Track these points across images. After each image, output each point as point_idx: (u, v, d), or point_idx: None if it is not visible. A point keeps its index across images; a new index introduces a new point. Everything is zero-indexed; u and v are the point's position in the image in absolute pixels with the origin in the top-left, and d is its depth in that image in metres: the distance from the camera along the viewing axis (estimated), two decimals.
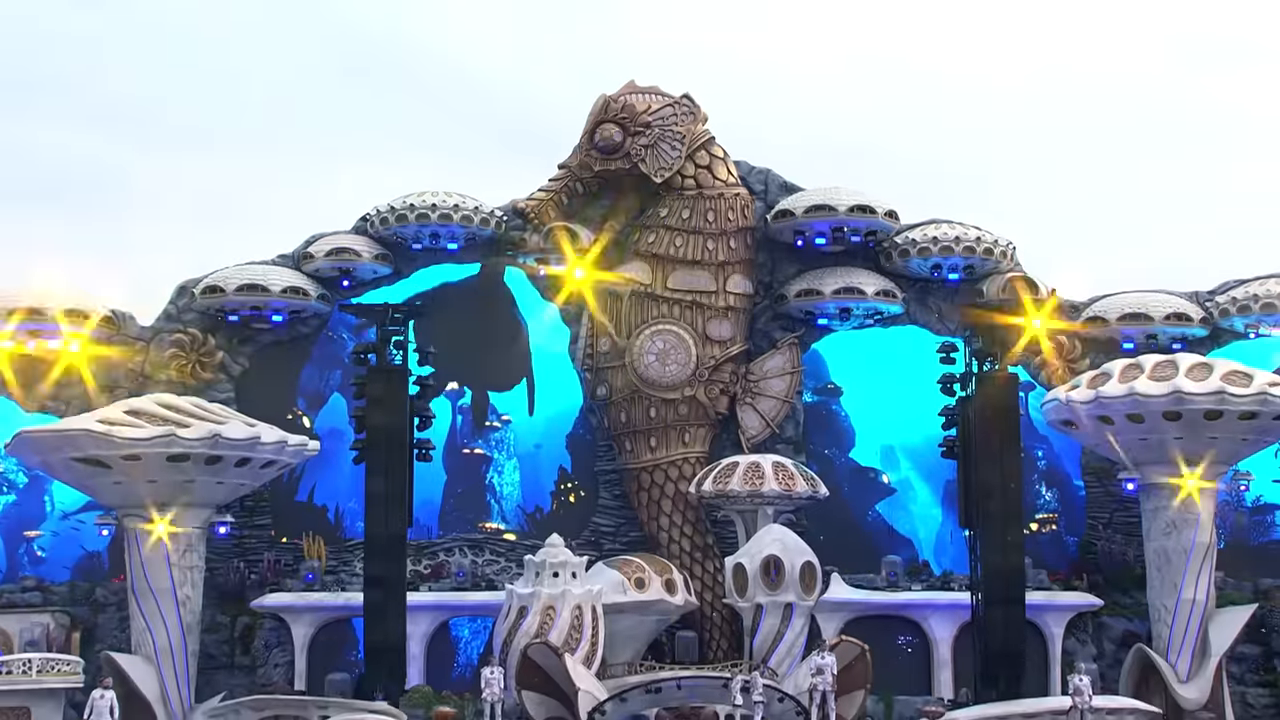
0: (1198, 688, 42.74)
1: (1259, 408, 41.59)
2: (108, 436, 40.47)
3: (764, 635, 42.48)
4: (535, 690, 39.31)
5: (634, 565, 44.24)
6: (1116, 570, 46.56)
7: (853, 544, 46.96)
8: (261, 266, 47.58)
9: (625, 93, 47.86)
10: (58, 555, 47.26)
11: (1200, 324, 47.64)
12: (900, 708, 42.30)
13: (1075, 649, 44.64)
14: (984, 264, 47.70)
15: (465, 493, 49.15)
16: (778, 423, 47.65)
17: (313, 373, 49.11)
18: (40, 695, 40.20)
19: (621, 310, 47.37)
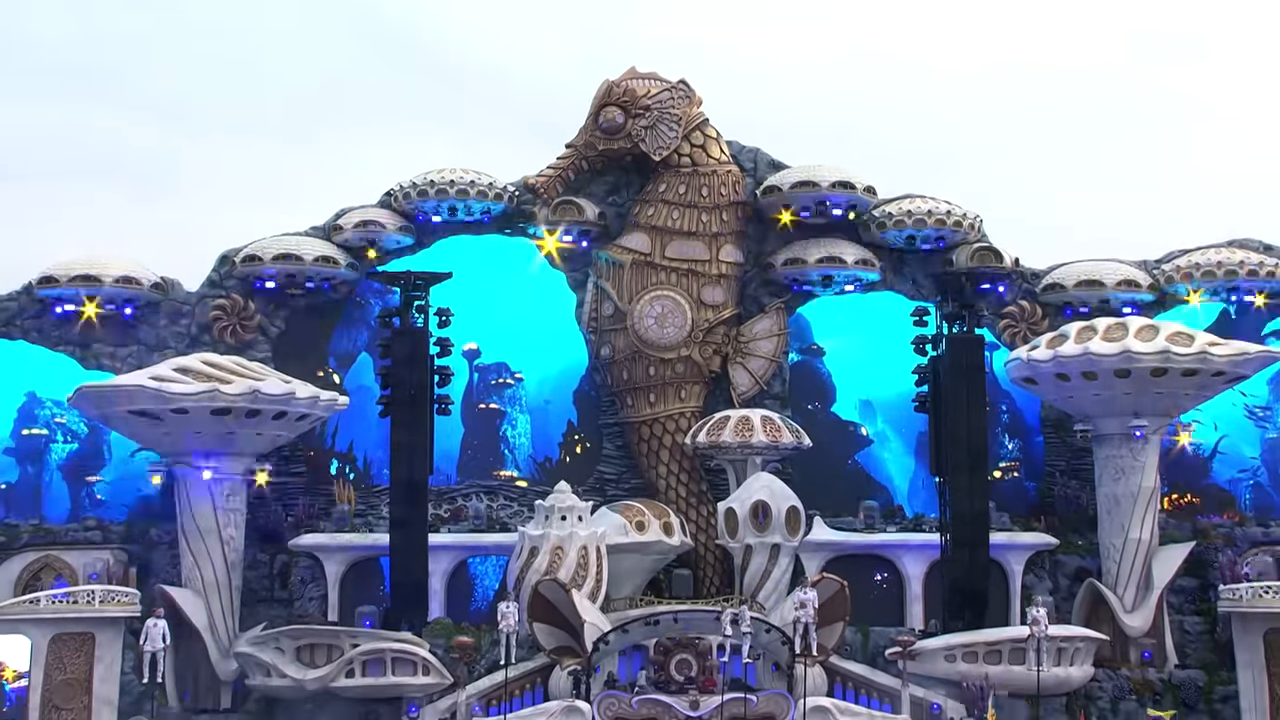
0: (1141, 617, 43.52)
1: (1199, 366, 42.28)
2: (158, 391, 40.99)
3: (753, 573, 43.05)
4: (545, 622, 39.95)
5: (634, 509, 44.65)
6: (1071, 513, 46.94)
7: (833, 490, 47.14)
8: (295, 238, 47.71)
9: (626, 78, 47.88)
10: (116, 498, 47.38)
11: (1148, 290, 47.88)
12: (875, 638, 42.71)
13: (1033, 584, 44.99)
14: (954, 235, 47.87)
15: (481, 444, 49.37)
16: (766, 380, 47.87)
17: (342, 334, 49.21)
18: (103, 623, 40.92)
19: (623, 277, 47.46)
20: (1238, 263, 47.54)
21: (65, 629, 40.60)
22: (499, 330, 49.08)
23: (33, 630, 40.44)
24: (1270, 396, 49.55)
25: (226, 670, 42.10)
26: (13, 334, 47.05)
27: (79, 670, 40.61)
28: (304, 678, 39.99)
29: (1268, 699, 42.03)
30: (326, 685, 39.75)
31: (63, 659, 40.51)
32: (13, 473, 47.78)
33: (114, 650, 40.88)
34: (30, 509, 46.93)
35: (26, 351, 47.24)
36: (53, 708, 40.20)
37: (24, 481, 47.70)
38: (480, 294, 47.32)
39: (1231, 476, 49.35)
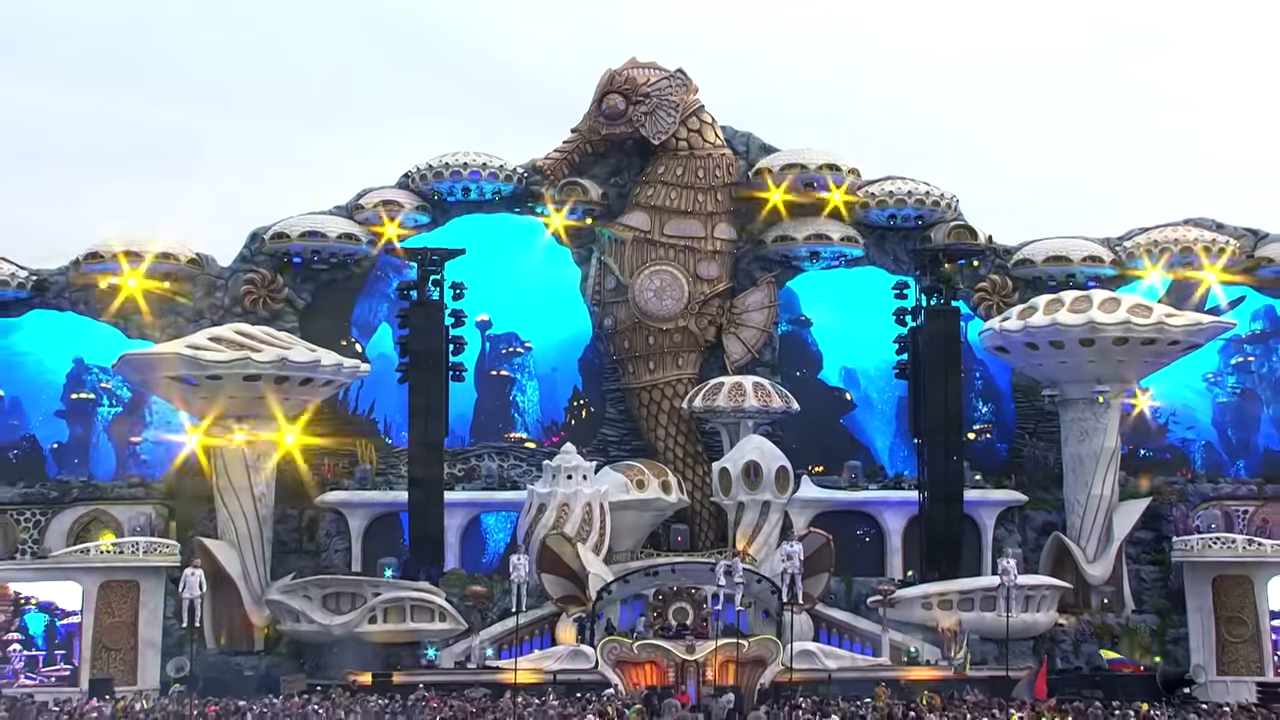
0: (1102, 567, 43.88)
1: (1157, 335, 42.58)
2: (194, 359, 41.22)
3: (745, 527, 43.28)
4: (553, 573, 40.19)
5: (635, 469, 44.84)
6: (1039, 471, 47.22)
7: (820, 451, 47.40)
8: (320, 216, 47.76)
9: (627, 67, 47.80)
10: (157, 457, 47.56)
11: (1111, 265, 48.03)
12: (858, 587, 43.10)
13: (1004, 537, 45.26)
14: (932, 214, 47.93)
15: (493, 408, 49.46)
16: (757, 349, 47.92)
17: (364, 306, 49.28)
18: (146, 571, 41.45)
19: (624, 253, 47.45)
20: (1192, 240, 47.74)
21: (113, 577, 41.20)
22: (509, 302, 49.12)
23: (84, 577, 41.01)
24: (1220, 364, 49.54)
25: (259, 616, 42.37)
26: (62, 306, 47.32)
27: (126, 614, 41.20)
28: (330, 623, 40.36)
29: (1214, 639, 42.56)
30: (351, 630, 40.08)
31: (111, 604, 41.11)
32: (63, 433, 48.04)
33: (157, 597, 41.37)
34: (79, 467, 47.26)
35: (74, 322, 47.50)
36: (103, 647, 40.82)
37: (73, 441, 47.97)
38: (492, 269, 47.35)
39: (1184, 438, 49.41)
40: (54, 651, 40.50)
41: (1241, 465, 48.97)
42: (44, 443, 47.78)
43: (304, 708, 32.24)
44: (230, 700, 34.40)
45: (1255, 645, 42.14)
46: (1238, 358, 49.71)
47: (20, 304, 46.86)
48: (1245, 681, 41.12)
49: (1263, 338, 49.98)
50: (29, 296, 46.91)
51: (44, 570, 41.50)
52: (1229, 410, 49.85)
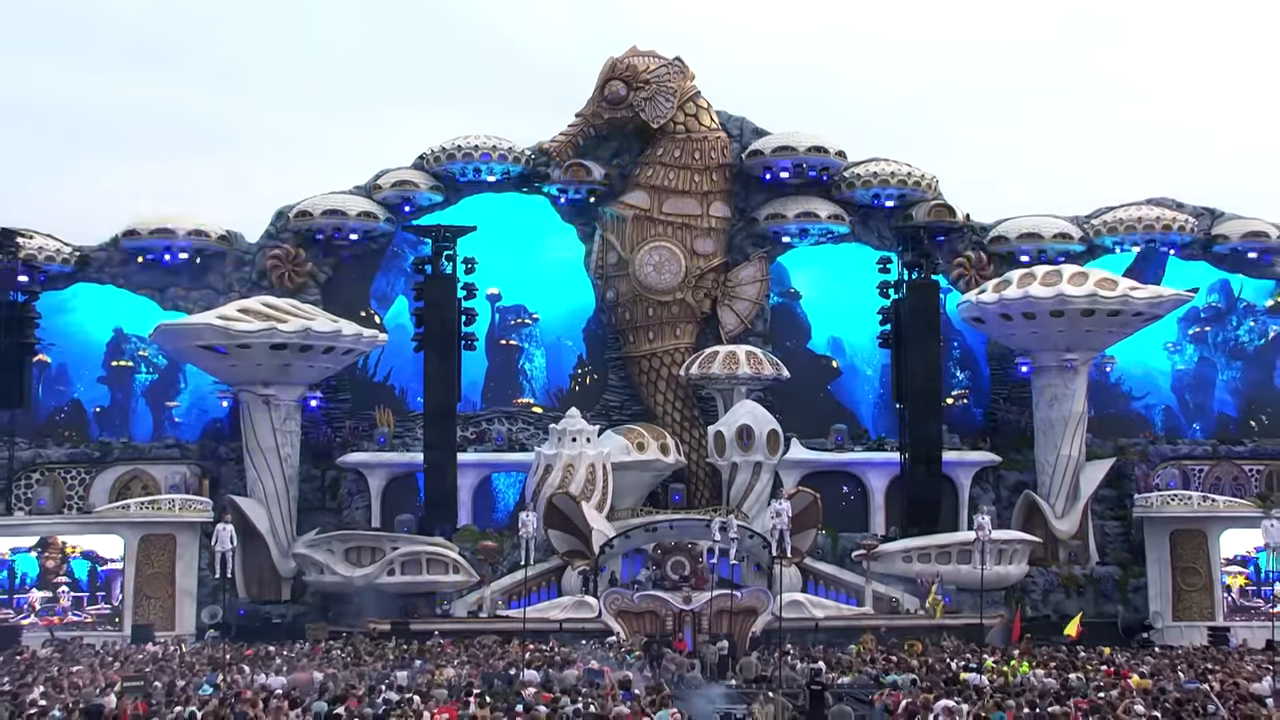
0: (1069, 522, 44.00)
1: (1121, 307, 42.63)
2: (224, 329, 41.25)
3: (738, 487, 43.31)
4: (559, 529, 40.29)
5: (636, 432, 44.87)
6: (1012, 434, 47.20)
7: (808, 415, 47.31)
8: (340, 195, 47.58)
9: (628, 56, 47.51)
10: (190, 420, 47.67)
11: (1079, 241, 47.92)
12: (843, 542, 43.33)
13: (979, 495, 45.42)
14: (913, 194, 47.80)
15: (502, 375, 49.33)
16: (750, 320, 47.86)
17: (381, 279, 49.07)
18: (182, 526, 41.68)
19: (626, 230, 47.26)
20: (1154, 218, 47.58)
21: (152, 531, 41.43)
22: (518, 276, 48.93)
23: (125, 531, 41.24)
24: (1179, 334, 49.39)
25: (286, 568, 42.51)
26: (102, 279, 47.26)
27: (163, 565, 41.44)
28: (352, 575, 40.42)
29: (1171, 589, 42.75)
30: (371, 582, 40.15)
31: (150, 556, 41.36)
32: (105, 398, 48.06)
33: (192, 549, 41.56)
34: (119, 429, 47.26)
35: (114, 295, 47.47)
36: (143, 596, 41.09)
37: (114, 406, 48.00)
38: (501, 244, 47.16)
39: (1147, 402, 49.29)
40: (95, 593, 40.89)
41: (1198, 428, 48.98)
42: (87, 407, 47.81)
43: (328, 653, 32.27)
44: (261, 645, 34.65)
45: (1208, 593, 42.48)
46: (1195, 328, 49.60)
47: (65, 278, 46.76)
48: (1198, 626, 41.41)
49: (1218, 310, 49.84)
50: (72, 271, 46.85)
51: (89, 524, 41.72)
52: (1187, 377, 49.83)
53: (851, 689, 25.33)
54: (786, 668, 29.05)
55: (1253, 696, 23.57)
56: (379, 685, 24.56)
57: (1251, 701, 22.77)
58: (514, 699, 22.72)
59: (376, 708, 21.46)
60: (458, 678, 25.89)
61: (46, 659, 32.38)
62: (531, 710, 21.04)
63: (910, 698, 22.86)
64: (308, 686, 24.64)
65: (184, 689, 24.58)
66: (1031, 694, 23.50)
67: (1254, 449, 47.06)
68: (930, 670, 27.89)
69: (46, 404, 47.28)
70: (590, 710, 20.95)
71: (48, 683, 25.92)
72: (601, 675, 26.15)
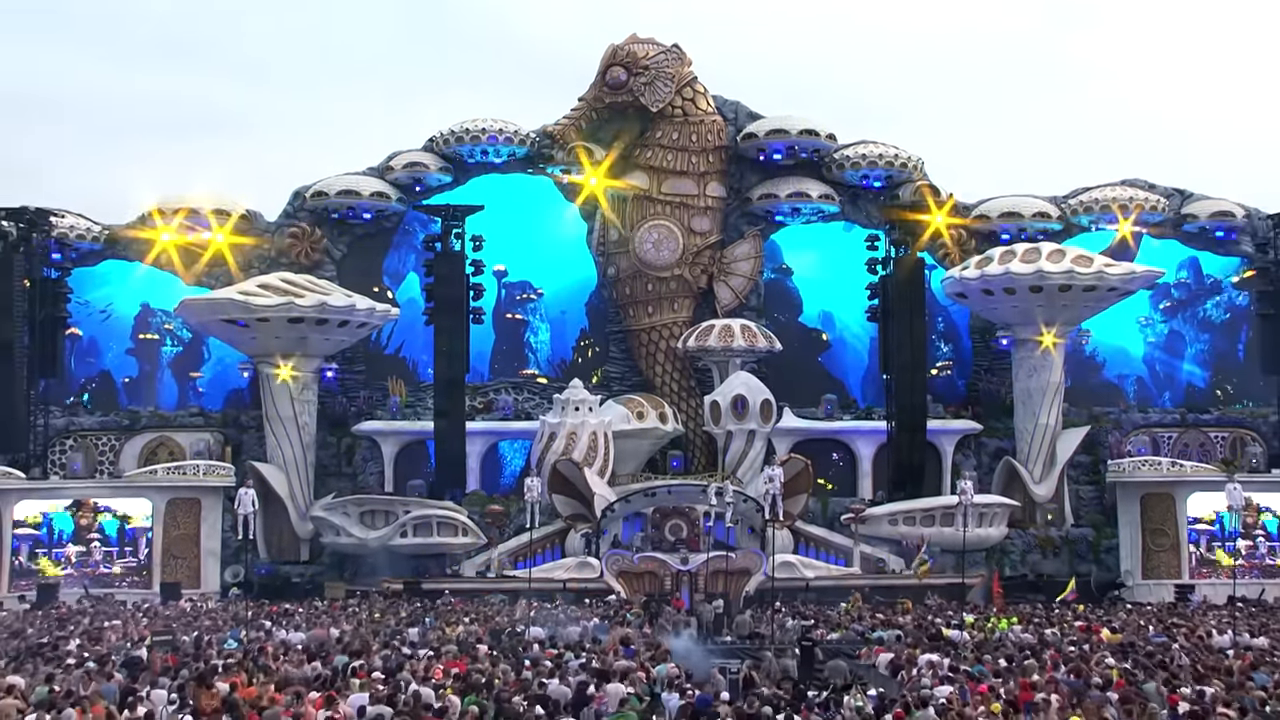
0: (1046, 487, 44.11)
1: (1097, 283, 42.70)
2: (245, 303, 41.28)
3: (733, 454, 43.37)
4: (563, 494, 40.37)
5: (636, 402, 44.91)
6: (993, 403, 47.25)
7: (800, 385, 47.29)
8: (354, 176, 47.48)
9: (629, 43, 47.29)
10: (213, 390, 47.73)
11: (1057, 220, 47.77)
12: (832, 506, 43.45)
13: (962, 461, 45.45)
14: (900, 175, 47.65)
15: (508, 347, 49.31)
16: (744, 295, 47.76)
17: (393, 256, 49.04)
18: (206, 490, 41.86)
19: (626, 209, 47.17)
20: (1128, 198, 47.45)
21: (178, 495, 41.62)
22: (523, 253, 48.85)
23: (153, 495, 41.45)
24: (1150, 309, 49.39)
25: (304, 530, 42.59)
26: (130, 257, 47.17)
27: (189, 527, 41.63)
28: (366, 537, 40.62)
29: (1141, 549, 42.91)
30: (385, 544, 40.33)
31: (177, 518, 41.57)
32: (133, 369, 48.13)
33: (216, 512, 41.71)
34: (147, 399, 47.35)
35: (142, 271, 47.23)
36: (170, 555, 41.30)
37: (141, 376, 48.08)
38: (507, 223, 47.06)
39: (1120, 373, 49.29)
40: (124, 548, 41.23)
41: (1167, 397, 49.09)
42: (117, 377, 47.89)
43: (345, 610, 32.33)
44: (281, 603, 34.71)
45: (1175, 553, 42.67)
46: (1165, 303, 49.56)
47: (95, 255, 46.78)
48: (1165, 584, 41.60)
49: (1186, 286, 49.80)
50: (102, 249, 46.84)
51: (120, 488, 41.94)
52: (1157, 349, 49.84)
53: (840, 645, 25.41)
54: (779, 625, 29.14)
55: (1214, 649, 23.88)
56: (393, 641, 24.67)
57: (1214, 654, 23.09)
58: (521, 654, 22.83)
59: (390, 662, 21.56)
60: (467, 634, 25.99)
61: (82, 613, 32.63)
62: (538, 664, 21.13)
63: (895, 652, 22.98)
64: (326, 641, 24.76)
65: (209, 643, 24.73)
66: (1008, 648, 23.65)
67: (1219, 417, 47.35)
68: (915, 627, 28.00)
69: (78, 374, 47.38)
70: (592, 665, 21.05)
71: (83, 636, 26.15)
72: (605, 631, 26.24)
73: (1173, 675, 19.76)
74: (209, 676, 19.24)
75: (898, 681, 20.10)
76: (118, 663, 21.35)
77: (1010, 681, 19.36)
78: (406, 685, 18.47)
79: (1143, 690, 18.34)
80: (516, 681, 19.35)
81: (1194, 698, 17.35)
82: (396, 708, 16.77)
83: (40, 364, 42.78)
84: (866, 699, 17.52)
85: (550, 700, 17.95)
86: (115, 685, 18.83)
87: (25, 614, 33.85)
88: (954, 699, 17.62)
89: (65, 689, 18.10)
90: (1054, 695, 17.74)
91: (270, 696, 17.68)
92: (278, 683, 19.04)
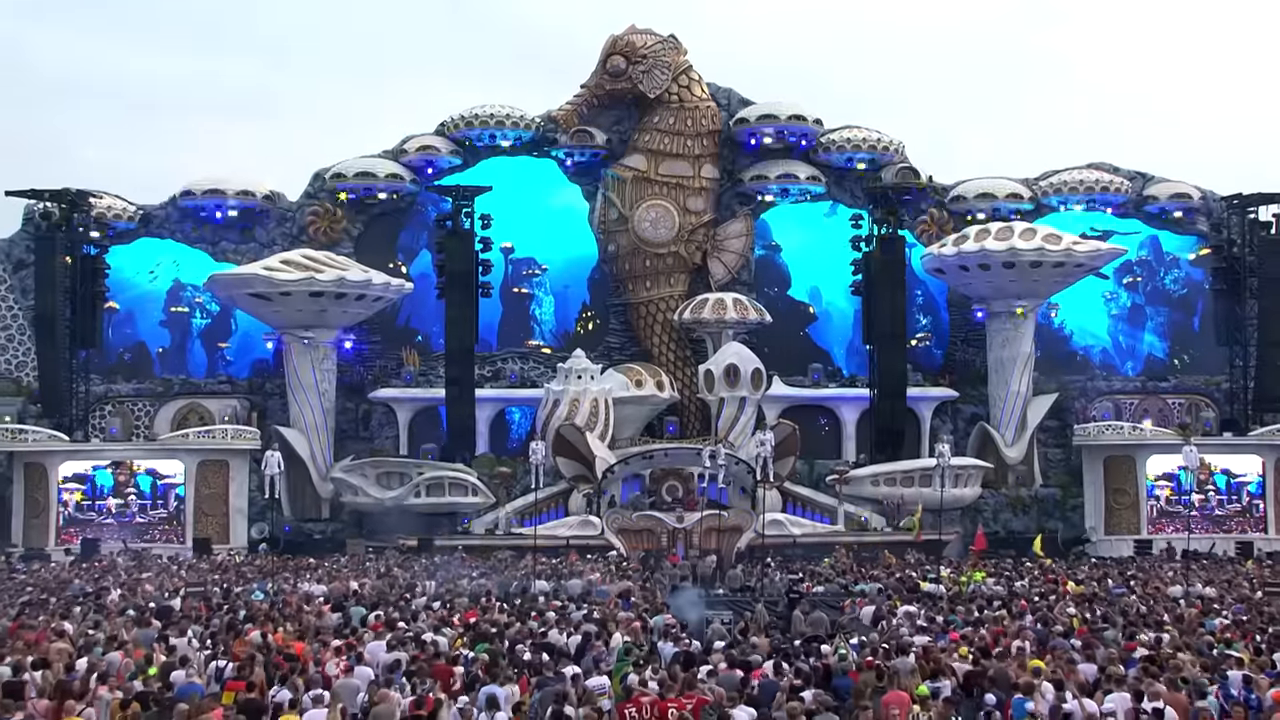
0: (1018, 450, 44.29)
1: (1065, 259, 42.77)
2: (269, 278, 41.27)
3: (725, 419, 43.36)
4: (566, 457, 40.49)
5: (634, 371, 44.91)
6: (968, 372, 47.28)
7: (788, 355, 47.27)
8: (370, 159, 47.36)
9: (628, 33, 47.05)
10: (240, 359, 47.72)
11: (1028, 201, 47.65)
12: (818, 468, 43.52)
13: (939, 426, 45.58)
14: (882, 158, 47.51)
15: (515, 320, 49.14)
16: (736, 270, 47.72)
17: (407, 234, 48.85)
18: (234, 453, 42.16)
19: (625, 190, 46.98)
20: (1094, 180, 47.38)
21: (208, 457, 41.93)
22: (528, 231, 48.71)
23: (185, 457, 41.76)
24: (1114, 284, 49.39)
25: (325, 490, 42.73)
26: (162, 234, 47.26)
27: (219, 487, 41.93)
28: (382, 497, 40.76)
29: (1104, 507, 43.15)
30: (400, 503, 40.38)
31: (207, 478, 41.87)
32: (166, 340, 48.20)
33: (243, 473, 41.94)
34: (178, 367, 47.48)
35: (173, 248, 47.42)
36: (202, 513, 41.63)
37: (173, 347, 48.15)
38: (514, 203, 46.95)
39: (1086, 344, 49.38)
40: (156, 501, 41.68)
41: (1129, 366, 49.16)
42: (151, 347, 47.96)
43: (363, 564, 32.51)
44: (304, 558, 34.91)
45: (1135, 511, 43.04)
46: (1128, 278, 49.55)
47: (130, 233, 46.76)
48: (1126, 539, 41.96)
49: (1147, 263, 49.75)
50: (136, 227, 46.76)
51: (154, 450, 42.20)
52: (1120, 321, 49.87)
53: (825, 597, 25.57)
54: (768, 579, 29.32)
55: (1168, 598, 24.14)
56: (407, 593, 24.82)
57: (1168, 602, 23.33)
58: (527, 605, 22.98)
59: (405, 612, 21.72)
60: (478, 587, 26.14)
61: (122, 566, 32.89)
62: (543, 615, 21.29)
63: (876, 604, 23.15)
64: (346, 594, 24.92)
65: (238, 594, 24.90)
66: (981, 599, 23.84)
67: (1177, 384, 47.56)
68: (896, 580, 28.17)
69: (115, 345, 47.41)
70: (594, 615, 21.19)
71: (123, 586, 26.36)
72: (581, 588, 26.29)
73: (1130, 623, 19.98)
74: (239, 624, 19.44)
75: (878, 631, 20.26)
76: (154, 611, 21.58)
77: (982, 630, 19.56)
78: (421, 634, 18.63)
79: (1103, 636, 18.55)
80: (523, 631, 19.52)
81: (1151, 643, 17.54)
82: (412, 655, 16.92)
83: (81, 335, 43.03)
84: (849, 648, 17.68)
85: (554, 648, 18.11)
86: (153, 631, 19.05)
87: (70, 565, 34.22)
88: (930, 647, 17.80)
89: (110, 634, 18.32)
90: (1023, 643, 17.92)
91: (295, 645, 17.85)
92: (302, 631, 19.22)
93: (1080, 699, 14.17)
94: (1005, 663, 16.29)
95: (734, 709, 13.72)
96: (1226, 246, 45.67)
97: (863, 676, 15.31)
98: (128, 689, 14.52)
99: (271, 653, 16.61)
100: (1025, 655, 16.96)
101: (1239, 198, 45.50)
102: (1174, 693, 14.18)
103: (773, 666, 16.00)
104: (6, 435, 41.35)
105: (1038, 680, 14.78)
